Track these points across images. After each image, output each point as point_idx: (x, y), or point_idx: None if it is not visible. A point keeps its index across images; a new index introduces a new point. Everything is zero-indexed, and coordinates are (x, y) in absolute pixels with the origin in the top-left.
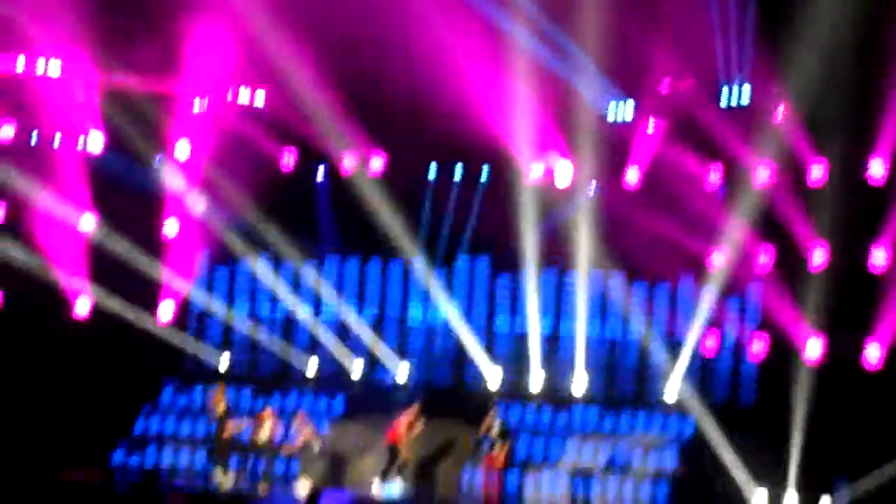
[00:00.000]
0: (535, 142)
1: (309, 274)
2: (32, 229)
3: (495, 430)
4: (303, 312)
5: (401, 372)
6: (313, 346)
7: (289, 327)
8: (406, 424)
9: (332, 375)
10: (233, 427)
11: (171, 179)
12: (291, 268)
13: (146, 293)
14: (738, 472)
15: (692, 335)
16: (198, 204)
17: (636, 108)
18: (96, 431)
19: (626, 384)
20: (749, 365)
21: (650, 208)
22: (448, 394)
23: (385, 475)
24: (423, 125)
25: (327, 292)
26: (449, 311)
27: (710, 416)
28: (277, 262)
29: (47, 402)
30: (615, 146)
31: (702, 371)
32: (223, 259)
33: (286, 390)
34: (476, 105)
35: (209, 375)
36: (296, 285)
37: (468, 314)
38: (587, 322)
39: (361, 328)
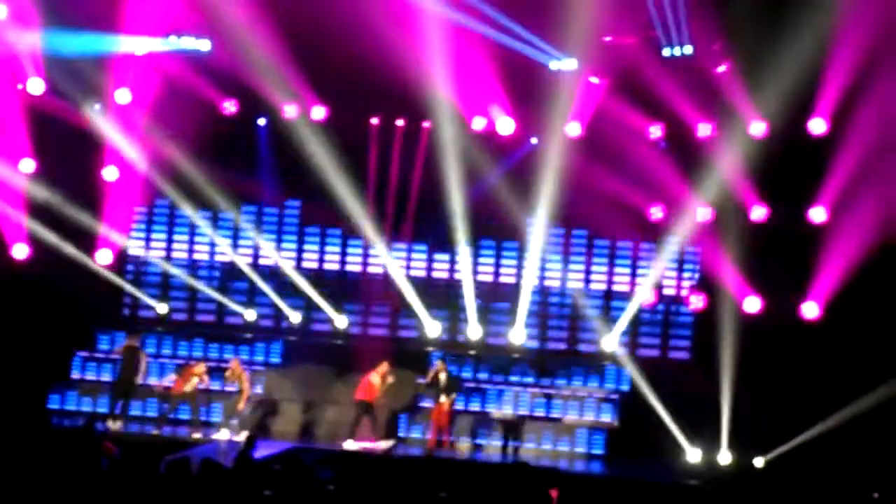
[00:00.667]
0: (478, 95)
1: (248, 220)
2: None
3: (442, 382)
4: (241, 260)
5: (339, 322)
6: (252, 294)
7: (227, 275)
8: (380, 380)
9: (270, 324)
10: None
11: (111, 125)
12: (230, 214)
13: (85, 239)
14: (674, 427)
15: (631, 289)
16: (136, 150)
17: (579, 64)
18: (32, 376)
19: (562, 336)
20: (686, 319)
21: (592, 162)
22: (385, 344)
23: (353, 432)
24: (365, 77)
25: (266, 239)
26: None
27: (645, 370)
28: (216, 209)
29: None
30: (557, 99)
31: (639, 325)
32: (161, 205)
33: (224, 339)
34: (418, 57)
35: (146, 323)
36: (234, 232)
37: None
38: (526, 273)
39: (300, 277)
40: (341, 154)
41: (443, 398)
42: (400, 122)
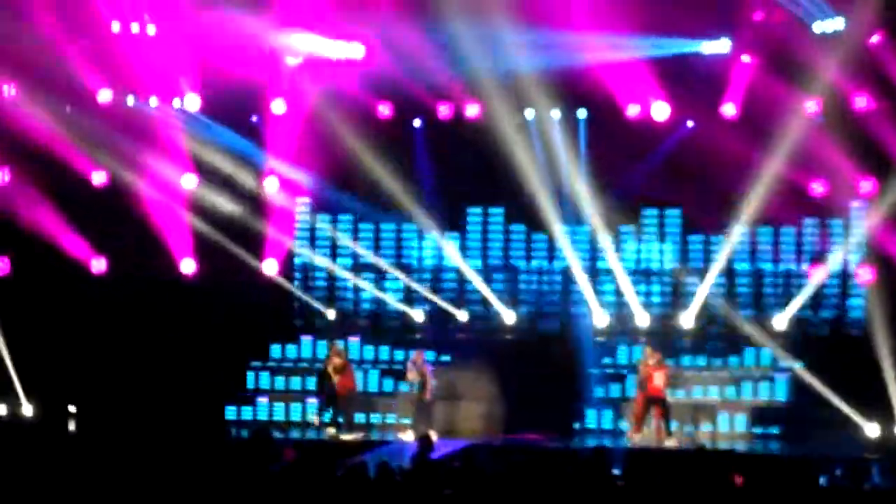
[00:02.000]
0: (632, 82)
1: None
2: (135, 193)
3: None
4: (398, 264)
5: (508, 317)
6: (418, 295)
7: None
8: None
9: (440, 324)
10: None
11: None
12: (391, 218)
13: (250, 250)
14: (846, 404)
15: (800, 265)
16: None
17: (731, 43)
18: (209, 388)
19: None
20: (856, 294)
21: (748, 141)
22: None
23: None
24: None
25: (427, 241)
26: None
27: (818, 345)
28: (377, 213)
29: (157, 361)
30: (711, 81)
31: (809, 300)
32: (323, 211)
33: (396, 341)
34: (569, 48)
35: (316, 329)
36: (396, 235)
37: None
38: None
39: (469, 275)
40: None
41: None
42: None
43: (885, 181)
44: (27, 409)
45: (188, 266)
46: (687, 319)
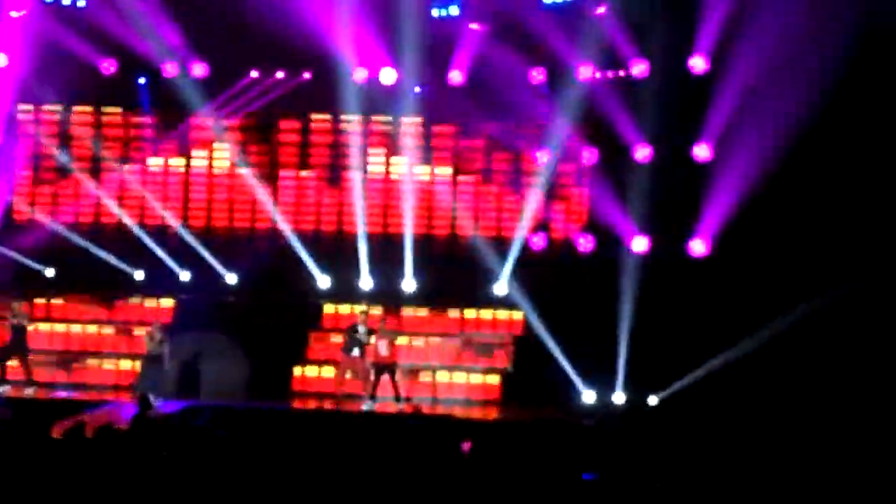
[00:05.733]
0: (359, 44)
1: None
2: None
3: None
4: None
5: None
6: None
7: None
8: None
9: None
10: None
11: None
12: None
13: None
14: (568, 369)
15: (519, 233)
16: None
17: (460, 9)
18: None
19: (455, 282)
20: (576, 261)
21: (475, 108)
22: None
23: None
24: (244, 31)
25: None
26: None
27: (538, 312)
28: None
29: None
30: (439, 46)
31: (529, 268)
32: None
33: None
34: (298, 8)
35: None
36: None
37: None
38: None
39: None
40: None
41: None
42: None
43: (607, 151)
44: None
45: None
46: (408, 284)
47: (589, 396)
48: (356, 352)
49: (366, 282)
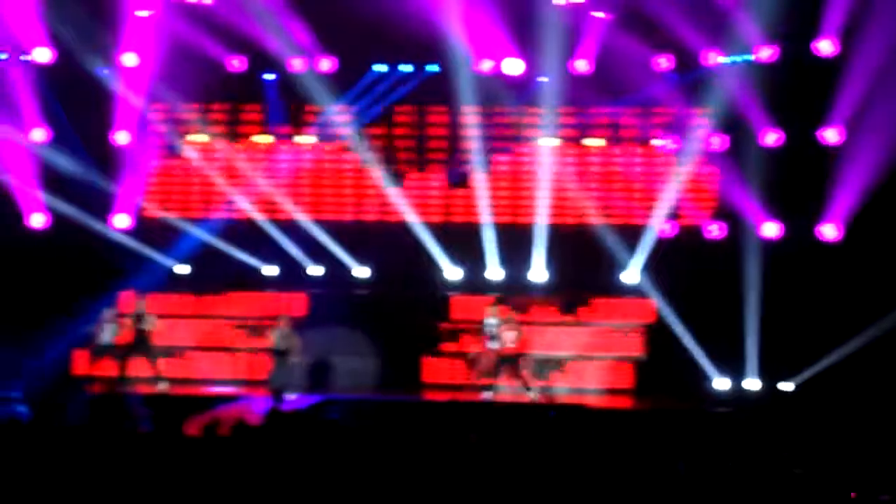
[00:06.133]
0: (485, 36)
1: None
2: None
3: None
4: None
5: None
6: (270, 248)
7: (246, 230)
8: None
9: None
10: None
11: (120, 88)
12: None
13: (101, 203)
14: (700, 357)
15: (649, 220)
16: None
17: None
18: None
19: (585, 271)
20: (706, 248)
21: (601, 96)
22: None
23: None
24: (370, 25)
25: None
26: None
27: (669, 300)
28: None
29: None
30: (564, 35)
31: (660, 256)
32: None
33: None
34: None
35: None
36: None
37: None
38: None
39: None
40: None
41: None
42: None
43: (736, 137)
44: None
45: (37, 220)
46: (538, 274)
47: (722, 384)
48: (488, 343)
49: (495, 273)
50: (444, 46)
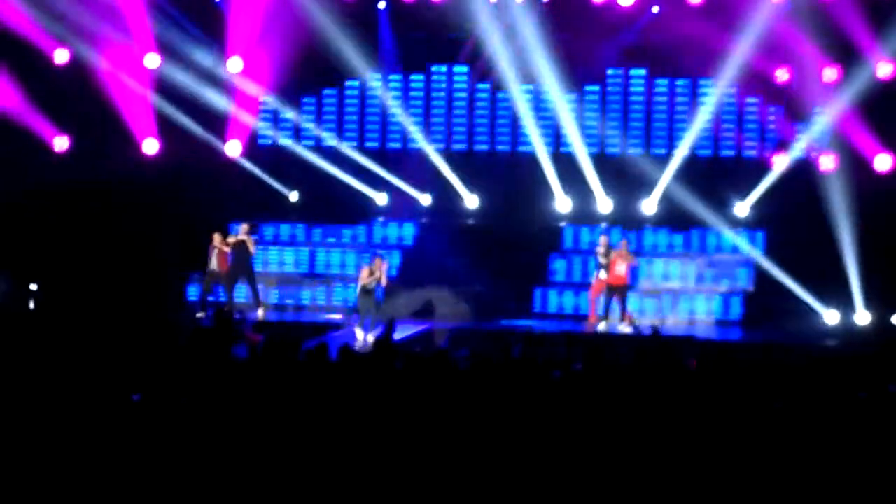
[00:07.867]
0: None
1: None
2: (98, 71)
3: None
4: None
5: (470, 202)
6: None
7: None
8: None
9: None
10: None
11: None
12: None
13: (214, 131)
14: (808, 290)
15: (760, 153)
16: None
17: None
18: (170, 269)
19: (695, 203)
20: (819, 181)
21: (715, 27)
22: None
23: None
24: None
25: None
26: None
27: (779, 233)
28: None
29: (120, 241)
30: None
31: (771, 188)
32: (289, 92)
33: (357, 223)
34: None
35: (280, 210)
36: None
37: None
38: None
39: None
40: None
41: (602, 273)
42: None
43: (849, 69)
44: None
45: (151, 146)
46: (649, 206)
47: (832, 317)
48: (599, 273)
49: (605, 204)
50: None
